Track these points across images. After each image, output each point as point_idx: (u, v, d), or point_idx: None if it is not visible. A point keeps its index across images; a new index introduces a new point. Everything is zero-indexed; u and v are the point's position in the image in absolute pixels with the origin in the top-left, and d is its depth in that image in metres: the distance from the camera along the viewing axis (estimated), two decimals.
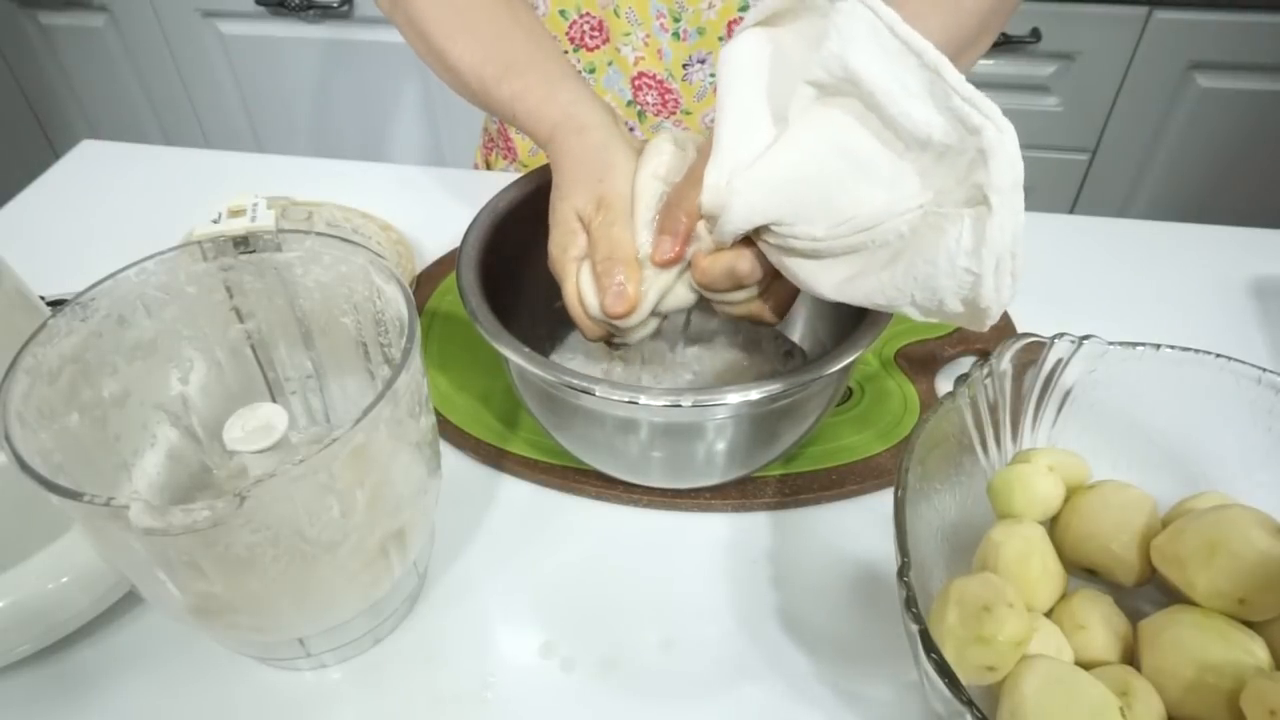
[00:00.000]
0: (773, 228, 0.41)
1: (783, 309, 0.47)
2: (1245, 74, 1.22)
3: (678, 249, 0.44)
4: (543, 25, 0.59)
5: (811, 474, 0.53)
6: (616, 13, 0.71)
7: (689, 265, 0.45)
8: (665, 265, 0.45)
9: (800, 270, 0.42)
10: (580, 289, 0.46)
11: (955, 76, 0.37)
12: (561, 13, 0.73)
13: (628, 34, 0.72)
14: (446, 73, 0.58)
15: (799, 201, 0.40)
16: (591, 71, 0.75)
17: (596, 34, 0.73)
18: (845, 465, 0.53)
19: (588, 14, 0.72)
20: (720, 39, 0.72)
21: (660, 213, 0.45)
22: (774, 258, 0.43)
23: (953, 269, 0.37)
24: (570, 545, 0.51)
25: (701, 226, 0.44)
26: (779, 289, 0.46)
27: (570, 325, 0.61)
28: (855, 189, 0.39)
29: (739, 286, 0.45)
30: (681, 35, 0.72)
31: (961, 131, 0.36)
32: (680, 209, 0.44)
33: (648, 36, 0.72)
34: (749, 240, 0.43)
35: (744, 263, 0.43)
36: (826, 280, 0.41)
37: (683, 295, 0.46)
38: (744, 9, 0.70)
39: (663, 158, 0.46)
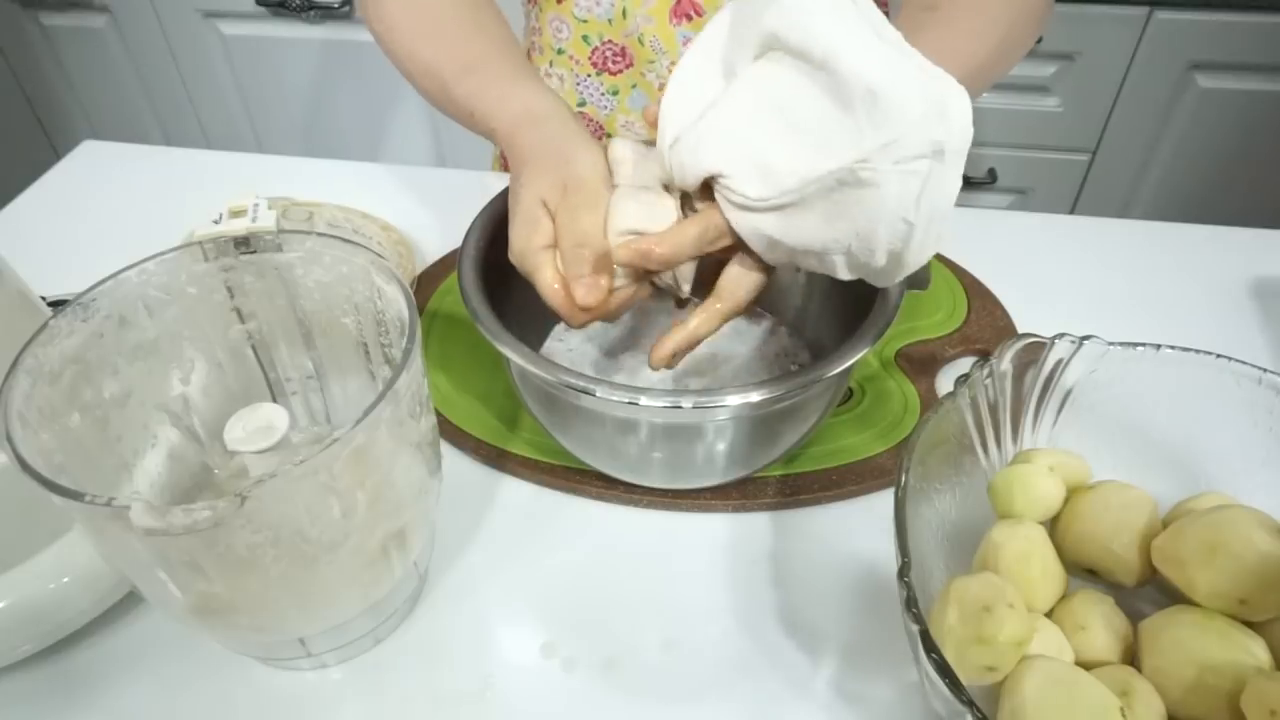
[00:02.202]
0: (719, 180, 0.42)
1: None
2: (1245, 74, 1.21)
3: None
4: (507, 30, 0.59)
5: (812, 474, 0.53)
6: (641, 41, 0.71)
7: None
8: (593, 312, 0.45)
9: (743, 224, 0.43)
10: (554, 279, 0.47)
11: (912, 50, 0.39)
12: (584, 38, 0.73)
13: (652, 61, 0.72)
14: (415, 75, 0.59)
15: (735, 156, 0.42)
16: (615, 93, 0.74)
17: (620, 59, 0.72)
18: (845, 465, 0.53)
19: (610, 41, 0.72)
20: None
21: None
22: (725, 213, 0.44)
23: (893, 220, 0.39)
24: (571, 545, 0.51)
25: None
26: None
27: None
28: (786, 146, 0.41)
29: (708, 251, 0.45)
30: None
31: (913, 89, 0.38)
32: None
33: (672, 64, 0.72)
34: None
35: (711, 230, 0.44)
36: (762, 235, 0.43)
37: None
38: None
39: (626, 166, 0.47)
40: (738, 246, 0.45)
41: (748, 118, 0.42)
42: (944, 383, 0.60)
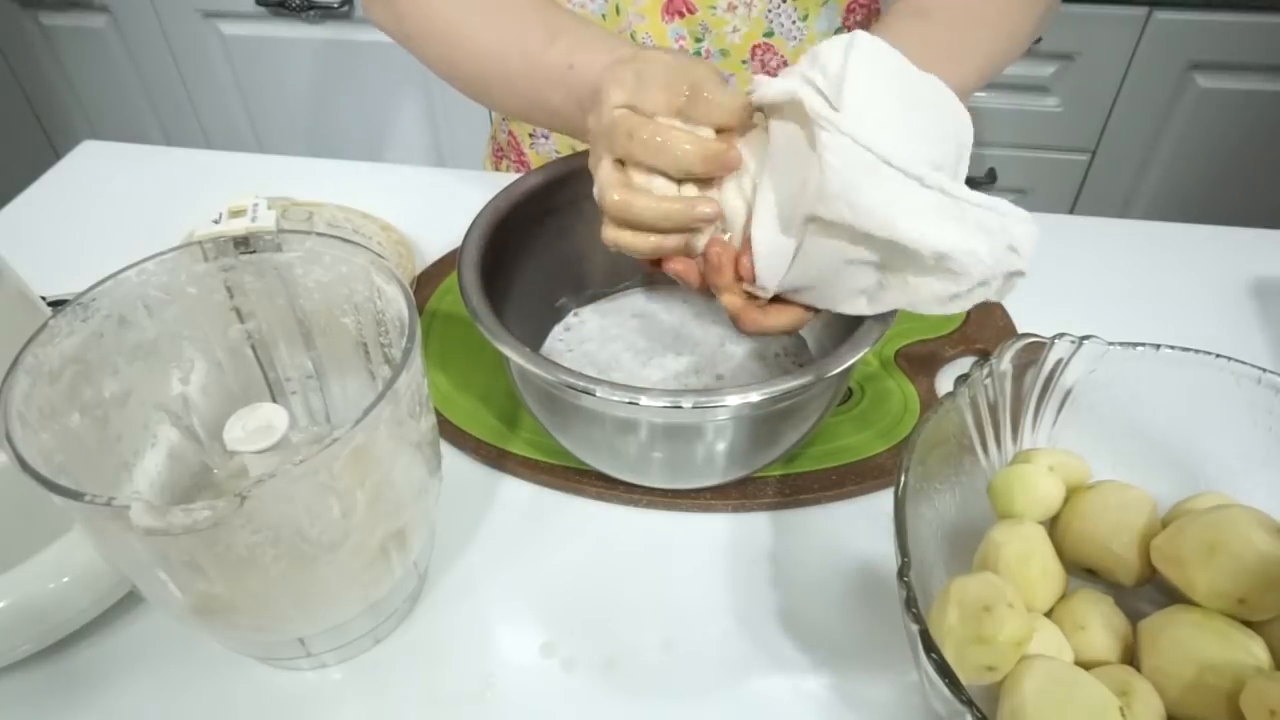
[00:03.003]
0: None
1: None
2: (1245, 74, 1.22)
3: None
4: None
5: (812, 474, 0.53)
6: (633, 37, 0.71)
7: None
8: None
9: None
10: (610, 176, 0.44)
11: (961, 189, 0.39)
12: None
13: None
14: (473, 60, 0.58)
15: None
16: None
17: None
18: (845, 465, 0.53)
19: None
20: (744, 63, 0.71)
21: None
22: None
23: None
24: (571, 545, 0.51)
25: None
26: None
27: (563, 309, 0.62)
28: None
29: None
30: (704, 55, 0.71)
31: (978, 240, 0.39)
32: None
33: None
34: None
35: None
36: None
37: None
38: (768, 34, 0.70)
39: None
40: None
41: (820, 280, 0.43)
42: (944, 383, 0.60)
